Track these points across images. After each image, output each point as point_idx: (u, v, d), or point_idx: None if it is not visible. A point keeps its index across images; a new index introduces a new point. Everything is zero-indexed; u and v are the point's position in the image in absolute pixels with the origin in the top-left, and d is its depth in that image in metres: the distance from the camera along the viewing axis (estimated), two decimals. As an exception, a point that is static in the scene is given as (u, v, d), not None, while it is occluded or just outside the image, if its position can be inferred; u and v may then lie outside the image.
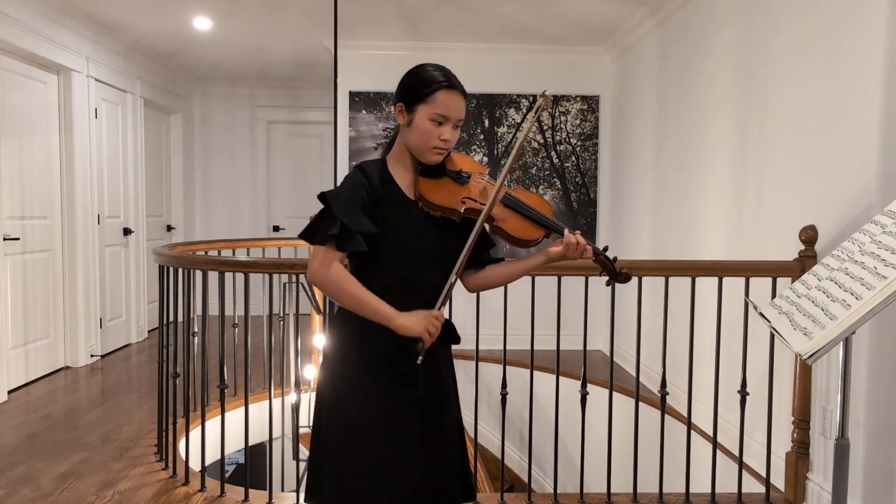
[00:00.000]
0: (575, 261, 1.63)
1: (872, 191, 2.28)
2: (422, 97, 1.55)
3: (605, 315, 4.49)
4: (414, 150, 1.60)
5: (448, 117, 1.55)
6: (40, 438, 3.33)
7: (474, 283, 1.73)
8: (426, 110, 1.54)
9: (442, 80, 1.56)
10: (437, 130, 1.55)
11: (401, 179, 1.62)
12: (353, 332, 1.61)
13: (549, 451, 4.32)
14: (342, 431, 1.59)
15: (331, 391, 1.63)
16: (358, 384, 1.60)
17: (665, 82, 4.15)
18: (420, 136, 1.56)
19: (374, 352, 1.59)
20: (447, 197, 1.58)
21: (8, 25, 3.92)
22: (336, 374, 1.63)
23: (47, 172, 4.52)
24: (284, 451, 4.47)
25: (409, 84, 1.59)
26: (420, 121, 1.55)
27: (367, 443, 1.58)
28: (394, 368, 1.58)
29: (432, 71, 1.58)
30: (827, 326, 1.64)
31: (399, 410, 1.59)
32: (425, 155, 1.58)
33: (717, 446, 2.74)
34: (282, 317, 3.73)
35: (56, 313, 4.62)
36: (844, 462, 1.73)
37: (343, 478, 1.58)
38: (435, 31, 4.81)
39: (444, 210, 1.57)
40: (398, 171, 1.63)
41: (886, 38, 2.22)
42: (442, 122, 1.55)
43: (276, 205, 7.17)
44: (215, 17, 4.63)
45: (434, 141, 1.55)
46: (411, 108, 1.57)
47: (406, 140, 1.60)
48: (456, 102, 1.56)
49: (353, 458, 1.58)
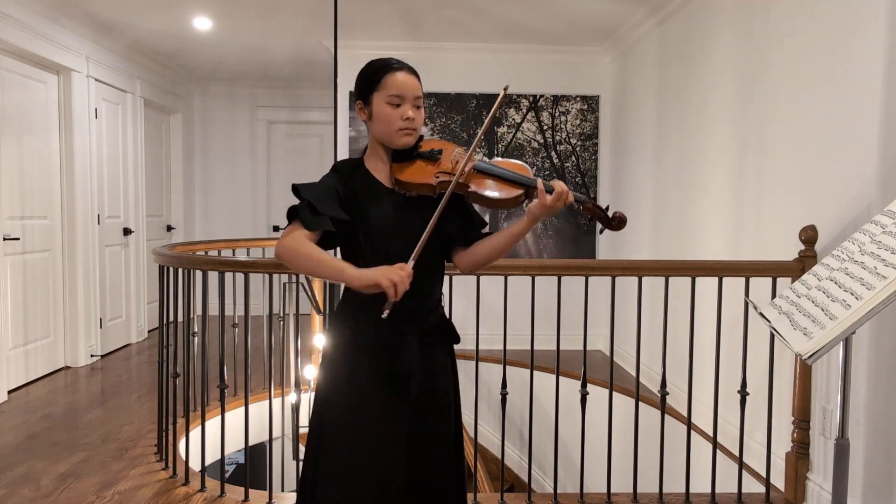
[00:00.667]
0: (575, 259, 1.62)
1: (872, 191, 2.28)
2: (373, 86, 1.60)
3: (605, 315, 4.48)
4: (383, 139, 1.62)
5: (403, 96, 1.58)
6: (40, 438, 3.33)
7: (466, 261, 1.69)
8: (381, 96, 1.59)
9: (386, 64, 1.61)
10: (398, 112, 1.58)
11: (378, 173, 1.64)
12: (347, 330, 1.62)
13: (549, 451, 4.32)
14: (333, 429, 1.60)
15: (324, 389, 1.64)
16: (350, 383, 1.60)
17: (665, 82, 4.15)
18: (383, 122, 1.59)
19: (367, 350, 1.59)
20: (420, 174, 1.59)
21: (8, 25, 3.92)
22: (330, 372, 1.64)
23: (47, 172, 4.52)
24: (284, 451, 4.47)
25: (359, 80, 1.65)
26: (378, 108, 1.59)
27: (357, 441, 1.58)
28: (383, 370, 1.57)
29: (376, 61, 1.64)
30: (827, 326, 1.64)
31: (390, 410, 1.59)
32: (394, 139, 1.60)
33: (717, 446, 2.74)
34: (282, 317, 3.73)
35: (56, 313, 4.62)
36: (844, 462, 1.73)
37: (333, 476, 1.58)
38: (435, 31, 4.81)
39: (418, 188, 1.58)
40: (375, 165, 1.65)
41: (887, 37, 2.22)
42: (399, 102, 1.58)
43: (276, 205, 7.16)
44: (215, 17, 4.63)
45: (397, 122, 1.58)
46: (367, 100, 1.61)
47: (374, 133, 1.64)
48: (406, 80, 1.59)
49: (343, 457, 1.58)
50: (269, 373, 2.77)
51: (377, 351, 1.58)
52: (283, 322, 3.72)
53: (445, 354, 1.71)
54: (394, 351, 1.57)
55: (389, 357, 1.57)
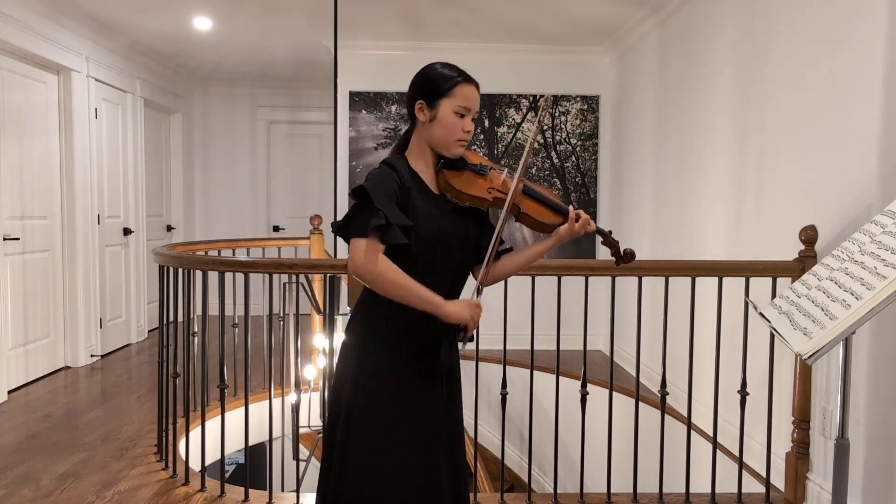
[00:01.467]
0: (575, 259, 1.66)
1: (872, 191, 2.28)
2: (444, 92, 1.61)
3: (605, 315, 4.49)
4: (437, 145, 1.64)
5: (469, 109, 1.62)
6: (40, 438, 3.33)
7: (491, 275, 1.75)
8: (449, 104, 1.61)
9: (459, 74, 1.63)
10: (461, 122, 1.62)
11: (423, 174, 1.66)
12: (376, 330, 1.61)
13: (549, 451, 4.32)
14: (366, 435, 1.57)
15: (351, 394, 1.60)
16: (384, 385, 1.59)
17: (665, 82, 4.15)
18: (445, 130, 1.61)
19: (401, 351, 1.60)
20: (475, 187, 1.65)
21: (8, 25, 3.92)
22: (359, 376, 1.60)
23: (47, 172, 4.52)
24: (284, 451, 4.47)
25: (428, 81, 1.64)
26: (444, 115, 1.61)
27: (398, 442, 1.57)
28: (421, 367, 1.59)
29: (447, 67, 1.65)
30: (827, 326, 1.64)
31: (426, 410, 1.61)
32: (450, 148, 1.63)
33: (717, 446, 2.74)
34: (282, 317, 3.73)
35: (56, 313, 4.62)
36: (844, 462, 1.73)
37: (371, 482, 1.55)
38: (435, 31, 4.81)
39: (472, 199, 1.64)
40: (419, 166, 1.66)
41: (886, 37, 2.22)
42: (464, 114, 1.62)
43: (276, 205, 7.17)
44: (215, 17, 4.63)
45: (458, 133, 1.62)
46: (433, 103, 1.61)
47: (429, 136, 1.64)
48: (475, 94, 1.64)
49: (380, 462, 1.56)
50: (269, 373, 2.77)
51: (414, 351, 1.60)
52: (283, 322, 3.72)
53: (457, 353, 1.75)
54: (429, 351, 1.59)
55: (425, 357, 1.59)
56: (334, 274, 2.66)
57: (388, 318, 1.60)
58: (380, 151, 5.11)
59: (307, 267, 2.79)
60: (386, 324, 1.60)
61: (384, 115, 5.11)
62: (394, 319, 1.60)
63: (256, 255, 5.07)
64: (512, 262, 1.75)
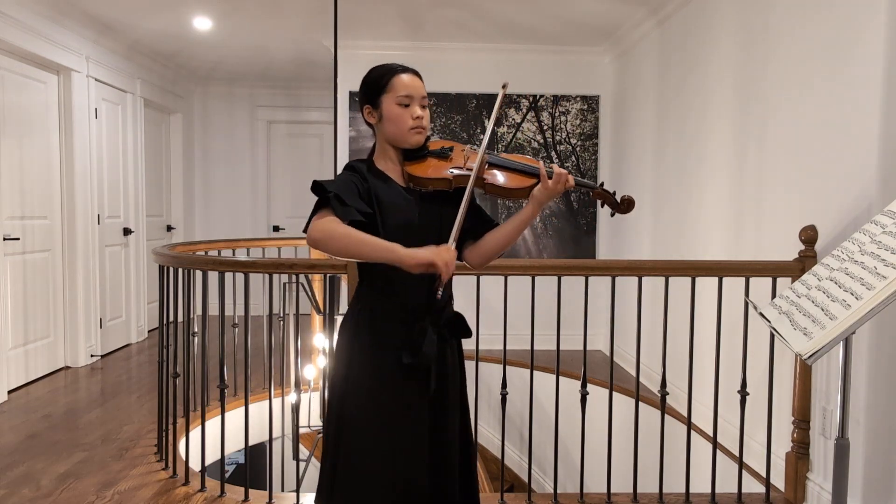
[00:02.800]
0: (575, 259, 1.65)
1: (872, 191, 2.28)
2: (381, 89, 1.64)
3: (605, 315, 4.48)
4: (394, 140, 1.66)
5: (412, 96, 1.64)
6: (40, 438, 3.33)
7: (477, 253, 1.74)
8: (390, 98, 1.63)
9: (392, 67, 1.66)
10: (408, 111, 1.63)
11: (390, 172, 1.68)
12: (365, 326, 1.63)
13: (549, 451, 4.32)
14: (352, 427, 1.60)
15: (342, 389, 1.64)
16: (370, 379, 1.61)
17: (665, 82, 4.15)
18: (394, 123, 1.64)
19: (387, 346, 1.60)
20: (435, 170, 1.65)
21: (8, 25, 3.92)
22: (348, 371, 1.64)
23: (47, 172, 4.52)
24: (284, 451, 4.47)
25: (365, 85, 1.68)
26: (389, 109, 1.64)
27: (377, 438, 1.59)
28: (403, 363, 1.58)
29: (380, 66, 1.68)
30: (827, 326, 1.64)
31: (409, 407, 1.61)
32: (406, 138, 1.65)
33: (717, 446, 2.74)
34: (282, 317, 3.73)
35: (56, 313, 4.62)
36: (844, 462, 1.73)
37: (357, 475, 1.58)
38: (435, 31, 4.81)
39: (434, 182, 1.64)
40: (386, 165, 1.69)
41: (887, 38, 2.22)
42: (408, 103, 1.63)
43: (276, 205, 7.16)
44: (215, 17, 4.63)
45: (408, 121, 1.63)
46: (376, 103, 1.66)
47: (384, 134, 1.67)
48: (413, 81, 1.65)
49: (366, 455, 1.58)
50: (269, 373, 2.77)
51: (399, 345, 1.59)
52: (283, 322, 3.72)
53: (455, 348, 1.73)
54: (415, 345, 1.58)
55: (411, 351, 1.58)
56: (334, 274, 2.66)
57: (373, 316, 1.62)
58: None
59: (307, 267, 2.79)
60: (371, 322, 1.62)
61: (384, 115, 5.09)
62: (378, 317, 1.61)
63: (256, 255, 5.07)
64: (494, 236, 1.71)
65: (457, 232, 1.56)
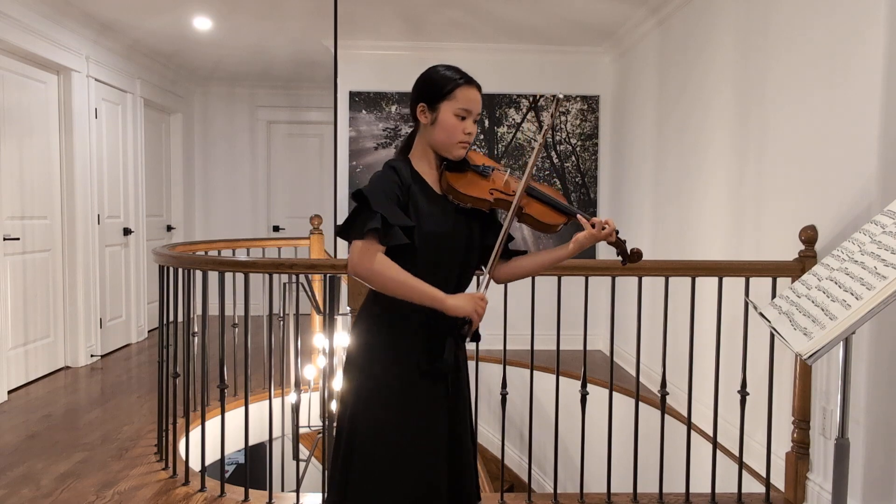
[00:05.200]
0: (575, 259, 1.67)
1: (872, 191, 2.28)
2: (444, 95, 1.62)
3: (605, 315, 4.48)
4: (439, 147, 1.65)
5: (470, 111, 1.63)
6: (40, 438, 3.33)
7: (504, 273, 1.78)
8: (450, 106, 1.61)
9: (460, 77, 1.64)
10: (462, 125, 1.62)
11: (426, 175, 1.67)
12: (381, 330, 1.63)
13: (549, 451, 4.32)
14: (370, 431, 1.60)
15: (357, 392, 1.63)
16: (387, 383, 1.61)
17: (665, 82, 4.15)
18: (446, 132, 1.62)
19: (405, 349, 1.61)
20: (476, 188, 1.65)
21: (8, 25, 3.92)
22: (363, 374, 1.63)
23: (47, 172, 4.52)
24: (284, 451, 4.47)
25: (429, 84, 1.65)
26: (445, 117, 1.62)
27: (397, 443, 1.59)
28: (424, 366, 1.60)
29: (449, 70, 1.66)
30: (827, 326, 1.64)
31: (429, 409, 1.62)
32: (451, 150, 1.64)
33: (717, 446, 2.74)
34: (282, 317, 3.73)
35: (56, 313, 4.62)
36: (844, 462, 1.73)
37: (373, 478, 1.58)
38: (435, 31, 4.81)
39: (474, 201, 1.65)
40: (423, 168, 1.68)
41: (886, 38, 2.22)
42: (465, 116, 1.62)
43: (276, 205, 7.16)
44: (215, 17, 4.63)
45: (459, 135, 1.62)
46: (434, 106, 1.63)
47: (430, 138, 1.66)
48: (476, 96, 1.64)
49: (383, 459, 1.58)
50: (269, 373, 2.77)
51: (419, 351, 1.60)
52: (283, 322, 3.72)
53: (463, 352, 1.76)
54: (433, 351, 1.59)
55: (429, 357, 1.60)
56: (334, 274, 2.66)
57: (392, 320, 1.62)
58: (380, 151, 5.11)
59: (307, 267, 2.79)
60: (390, 325, 1.62)
61: (384, 115, 5.10)
62: (397, 320, 1.61)
63: (256, 255, 5.07)
64: (526, 262, 1.76)
65: (493, 263, 1.61)
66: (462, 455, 1.69)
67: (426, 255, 1.59)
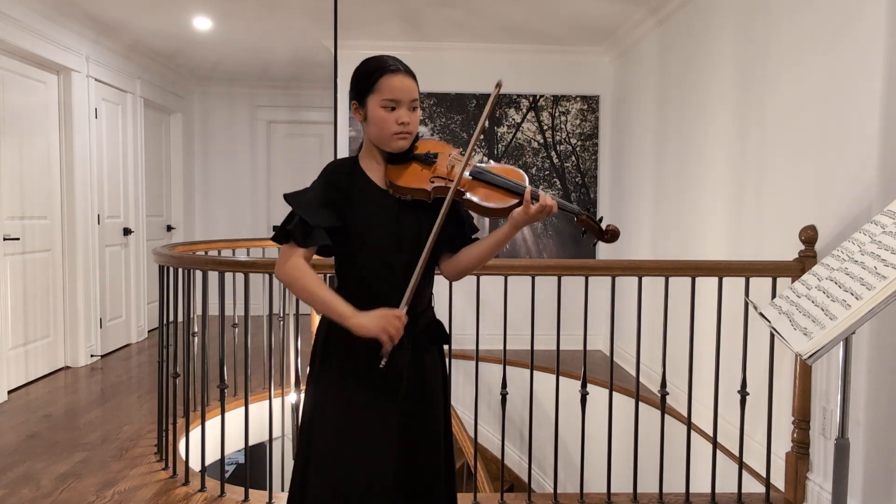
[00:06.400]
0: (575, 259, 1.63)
1: (872, 191, 2.28)
2: (368, 88, 1.56)
3: (605, 315, 4.48)
4: (377, 142, 1.59)
5: (398, 100, 1.54)
6: (40, 438, 3.33)
7: (450, 269, 1.69)
8: (376, 99, 1.55)
9: (382, 65, 1.55)
10: (393, 115, 1.54)
11: (373, 173, 1.61)
12: (335, 335, 1.59)
13: (549, 451, 4.32)
14: (324, 431, 1.58)
15: (312, 396, 1.63)
16: (337, 389, 1.59)
17: (665, 82, 4.15)
18: (377, 126, 1.56)
19: (360, 351, 1.55)
20: (415, 178, 1.57)
21: (8, 25, 3.92)
22: (317, 378, 1.63)
23: (47, 172, 4.52)
24: (284, 451, 4.47)
25: (354, 79, 1.60)
26: (373, 111, 1.56)
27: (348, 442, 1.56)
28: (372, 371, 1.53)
29: (372, 60, 1.59)
30: (827, 326, 1.64)
31: (377, 417, 1.57)
32: (389, 143, 1.57)
33: (717, 446, 2.74)
34: (282, 317, 3.73)
35: (56, 313, 4.62)
36: (844, 462, 1.73)
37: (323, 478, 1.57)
38: (435, 31, 4.81)
39: (413, 192, 1.56)
40: (370, 165, 1.62)
41: (886, 38, 2.22)
42: (395, 106, 1.54)
43: (276, 205, 7.16)
44: (215, 17, 4.63)
45: (392, 126, 1.55)
46: (362, 101, 1.58)
47: (368, 134, 1.61)
48: (403, 83, 1.55)
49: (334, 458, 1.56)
50: (269, 373, 2.77)
51: (371, 352, 1.53)
52: (283, 322, 3.72)
53: (436, 354, 1.69)
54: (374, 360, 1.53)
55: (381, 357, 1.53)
56: (333, 274, 2.65)
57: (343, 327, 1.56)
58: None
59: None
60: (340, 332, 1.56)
61: (384, 115, 5.09)
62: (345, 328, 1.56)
63: (256, 255, 5.07)
64: (469, 253, 1.65)
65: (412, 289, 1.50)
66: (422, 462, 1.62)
67: (369, 254, 1.56)
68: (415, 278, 1.51)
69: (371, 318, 1.48)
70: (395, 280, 1.54)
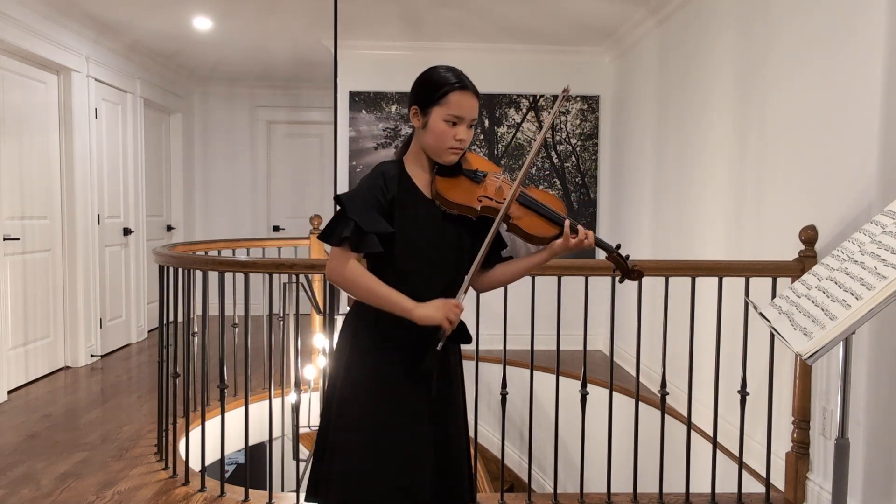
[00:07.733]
0: (575, 259, 1.64)
1: (872, 191, 2.28)
2: (435, 99, 1.58)
3: (605, 315, 4.48)
4: (430, 151, 1.62)
5: (462, 118, 1.58)
6: (40, 438, 3.33)
7: (483, 282, 1.76)
8: (440, 112, 1.58)
9: (454, 81, 1.59)
10: (452, 131, 1.58)
11: (418, 179, 1.65)
12: (368, 329, 1.63)
13: (549, 451, 4.32)
14: (352, 429, 1.61)
15: (341, 389, 1.65)
16: (371, 382, 1.62)
17: (665, 82, 4.15)
18: (436, 138, 1.59)
19: (389, 349, 1.61)
20: (464, 195, 1.61)
21: (8, 25, 3.92)
22: (348, 371, 1.65)
23: (47, 172, 4.52)
24: (284, 451, 4.47)
25: (422, 87, 1.61)
26: (435, 122, 1.58)
27: (377, 442, 1.59)
28: (408, 367, 1.59)
29: (444, 73, 1.61)
30: (827, 326, 1.64)
31: (411, 410, 1.62)
32: (441, 155, 1.61)
33: (717, 446, 2.74)
34: (282, 317, 3.73)
35: (56, 313, 4.62)
36: (844, 462, 1.73)
37: (352, 476, 1.59)
38: (435, 31, 4.81)
39: (460, 208, 1.60)
40: (415, 171, 1.65)
41: (886, 38, 2.22)
42: (456, 122, 1.58)
43: (276, 205, 7.17)
44: (215, 17, 4.63)
45: (449, 141, 1.58)
46: (426, 110, 1.60)
47: (422, 141, 1.63)
48: (469, 102, 1.59)
49: (363, 457, 1.59)
50: (269, 373, 2.77)
51: (403, 351, 1.60)
52: (283, 322, 3.72)
53: (458, 353, 1.75)
54: (418, 351, 1.59)
55: (414, 357, 1.60)
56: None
57: (377, 321, 1.62)
58: (380, 151, 5.11)
59: (307, 267, 2.79)
60: (375, 326, 1.62)
61: (384, 115, 5.10)
62: (382, 322, 1.61)
63: (256, 255, 5.07)
64: (504, 271, 1.74)
65: (473, 273, 1.58)
66: (450, 457, 1.67)
67: (409, 261, 1.59)
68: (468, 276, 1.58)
69: (434, 308, 1.54)
70: (427, 287, 1.59)
